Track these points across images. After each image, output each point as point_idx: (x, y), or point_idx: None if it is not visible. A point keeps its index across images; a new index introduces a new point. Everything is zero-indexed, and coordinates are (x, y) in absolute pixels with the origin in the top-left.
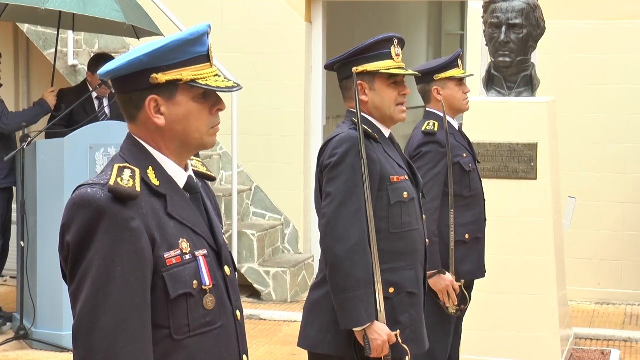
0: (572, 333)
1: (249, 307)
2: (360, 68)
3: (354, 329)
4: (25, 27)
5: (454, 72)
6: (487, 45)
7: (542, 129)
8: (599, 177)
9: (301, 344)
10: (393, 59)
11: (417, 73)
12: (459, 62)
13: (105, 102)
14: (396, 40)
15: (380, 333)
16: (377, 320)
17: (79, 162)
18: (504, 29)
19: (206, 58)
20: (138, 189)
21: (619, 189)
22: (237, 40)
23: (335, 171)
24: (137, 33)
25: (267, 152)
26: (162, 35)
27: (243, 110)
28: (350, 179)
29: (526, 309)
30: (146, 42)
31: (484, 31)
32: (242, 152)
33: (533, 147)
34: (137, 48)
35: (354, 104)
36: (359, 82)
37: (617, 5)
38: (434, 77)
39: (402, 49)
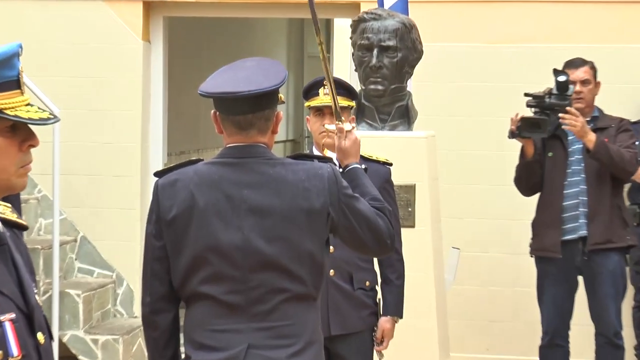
0: None
1: None
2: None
3: None
4: None
5: (310, 102)
6: (356, 70)
7: (420, 168)
8: (486, 224)
9: None
10: None
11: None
12: (321, 89)
13: None
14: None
15: None
16: None
17: None
18: (375, 51)
19: (16, 84)
20: None
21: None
22: (61, 62)
23: None
24: None
25: (95, 196)
26: None
27: (67, 146)
28: None
29: None
30: None
31: (353, 54)
32: (65, 196)
33: (410, 189)
34: None
35: None
36: None
37: (500, 28)
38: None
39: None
